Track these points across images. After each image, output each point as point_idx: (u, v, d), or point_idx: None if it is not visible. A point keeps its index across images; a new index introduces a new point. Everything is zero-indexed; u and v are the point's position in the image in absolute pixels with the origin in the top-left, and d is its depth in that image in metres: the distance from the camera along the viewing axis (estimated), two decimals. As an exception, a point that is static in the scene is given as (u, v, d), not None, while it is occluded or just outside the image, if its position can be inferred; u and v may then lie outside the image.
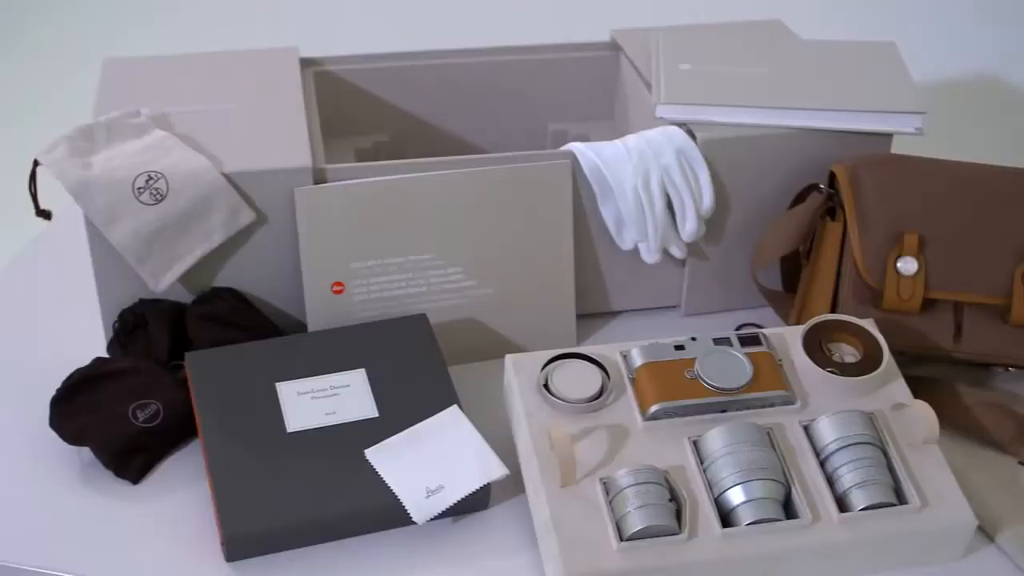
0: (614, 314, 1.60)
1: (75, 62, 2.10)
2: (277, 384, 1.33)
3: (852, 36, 1.72)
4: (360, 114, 1.72)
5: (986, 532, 1.28)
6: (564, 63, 1.75)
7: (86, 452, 1.34)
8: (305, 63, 1.66)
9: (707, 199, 1.48)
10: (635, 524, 1.16)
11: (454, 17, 2.37)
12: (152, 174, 1.37)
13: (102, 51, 1.68)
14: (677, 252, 1.52)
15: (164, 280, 1.40)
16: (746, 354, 1.29)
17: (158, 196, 1.36)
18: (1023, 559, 1.25)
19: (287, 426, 1.29)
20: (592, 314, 1.58)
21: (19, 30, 2.82)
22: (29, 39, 2.82)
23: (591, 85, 1.77)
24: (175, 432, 1.36)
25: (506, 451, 1.29)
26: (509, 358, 1.31)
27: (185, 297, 1.44)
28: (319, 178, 1.41)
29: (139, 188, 1.36)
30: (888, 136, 1.52)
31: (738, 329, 1.48)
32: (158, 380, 1.37)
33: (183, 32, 2.43)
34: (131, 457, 1.32)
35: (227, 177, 1.38)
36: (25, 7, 2.82)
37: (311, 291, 1.43)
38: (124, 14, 2.60)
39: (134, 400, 1.34)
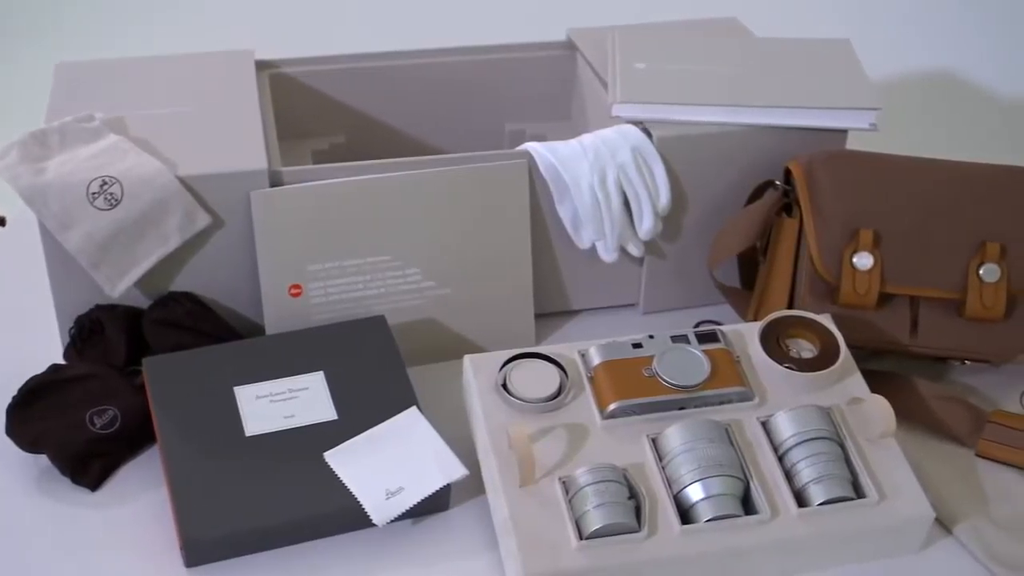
0: (573, 313, 1.60)
1: (27, 67, 2.08)
2: (235, 388, 1.32)
3: (807, 34, 1.73)
4: (316, 116, 1.71)
5: (944, 524, 1.29)
6: (520, 63, 1.75)
7: (43, 459, 1.33)
8: (260, 65, 1.65)
9: (664, 197, 1.48)
10: (594, 522, 1.16)
11: (409, 18, 2.37)
12: (106, 179, 1.36)
13: (54, 55, 1.67)
14: (634, 250, 1.52)
15: (120, 285, 1.39)
16: (704, 351, 1.30)
17: (112, 201, 1.35)
18: (980, 550, 1.26)
19: (245, 430, 1.29)
20: (551, 313, 1.58)
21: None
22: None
23: (548, 85, 1.77)
24: (133, 438, 1.35)
25: (466, 452, 1.29)
26: (467, 358, 1.31)
27: (142, 302, 1.43)
28: (275, 180, 1.40)
29: (93, 193, 1.35)
30: (843, 132, 1.53)
31: (697, 326, 1.48)
32: (115, 386, 1.36)
33: (137, 36, 2.42)
34: (89, 464, 1.31)
35: (182, 181, 1.37)
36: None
37: (268, 294, 1.43)
38: (76, 18, 2.59)
39: (91, 406, 1.34)
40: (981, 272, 1.40)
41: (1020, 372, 1.50)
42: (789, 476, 1.24)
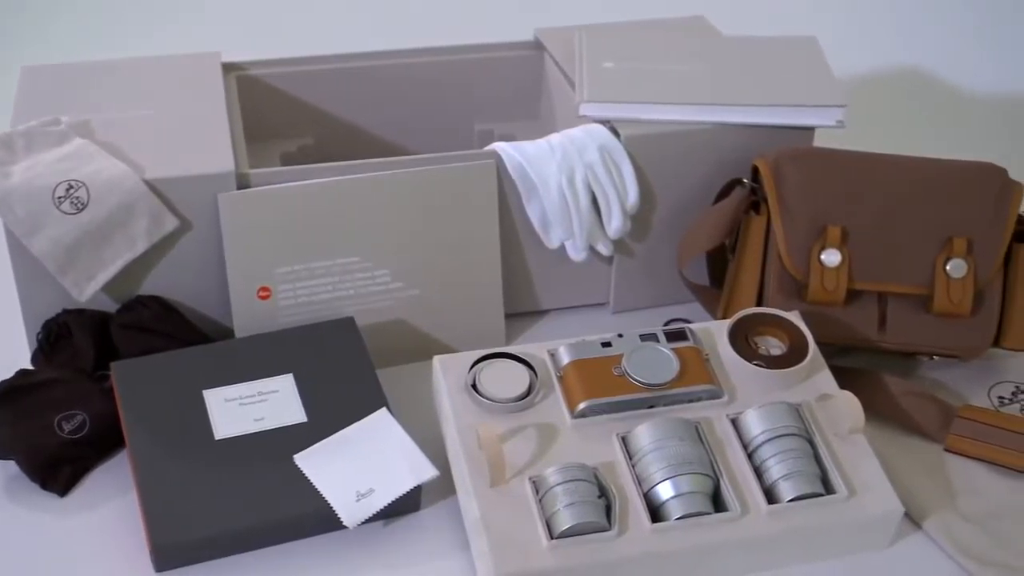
0: (543, 313, 1.60)
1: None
2: (204, 391, 1.32)
3: (774, 32, 1.74)
4: (285, 118, 1.71)
5: (913, 519, 1.30)
6: (488, 63, 1.75)
7: (11, 465, 1.32)
8: (227, 68, 1.64)
9: (632, 196, 1.48)
10: (565, 522, 1.16)
11: (376, 19, 2.36)
12: (72, 183, 1.35)
13: (20, 59, 1.66)
14: (603, 249, 1.52)
15: (88, 290, 1.39)
16: (673, 349, 1.30)
17: (79, 205, 1.35)
18: (950, 544, 1.26)
19: (215, 433, 1.28)
20: (521, 313, 1.58)
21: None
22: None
23: (516, 85, 1.77)
24: (102, 443, 1.34)
25: (437, 452, 1.29)
26: (437, 359, 1.31)
27: (110, 306, 1.43)
28: (243, 183, 1.40)
29: (59, 197, 1.35)
30: (810, 130, 1.53)
31: (666, 325, 1.48)
32: (83, 390, 1.35)
33: (103, 39, 2.40)
34: (57, 469, 1.31)
35: (149, 184, 1.37)
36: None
37: (237, 297, 1.43)
38: (41, 22, 2.56)
39: (59, 411, 1.33)
40: (948, 268, 1.41)
41: (988, 367, 1.50)
42: (759, 473, 1.24)
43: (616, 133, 1.49)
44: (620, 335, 1.32)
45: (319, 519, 1.24)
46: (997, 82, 2.24)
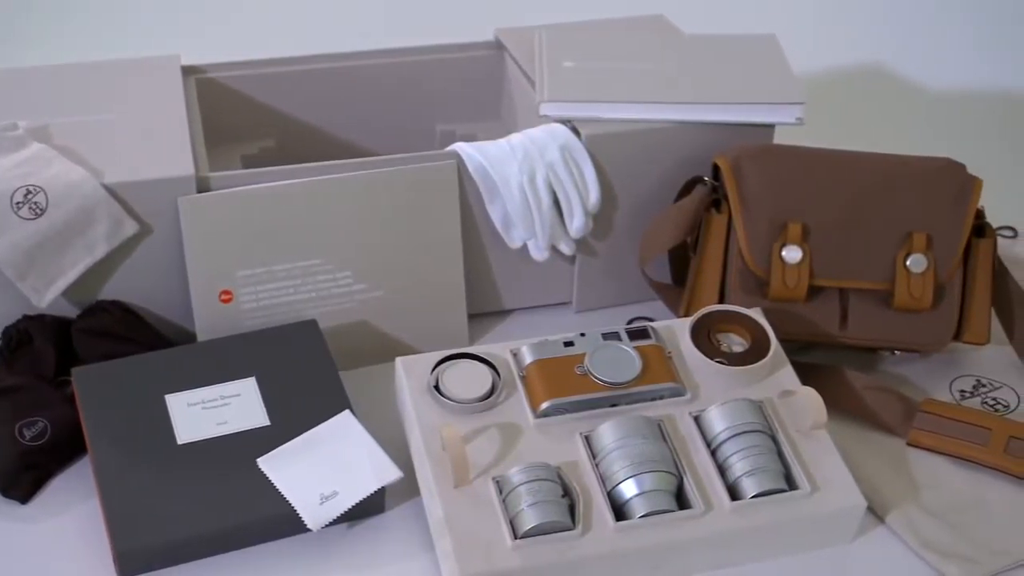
0: (506, 313, 1.60)
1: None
2: (167, 396, 1.31)
3: (734, 30, 1.74)
4: (245, 120, 1.70)
5: (876, 513, 1.30)
6: (449, 63, 1.75)
7: (-28, 473, 1.32)
8: (187, 70, 1.64)
9: (593, 195, 1.49)
10: (529, 521, 1.16)
11: (337, 21, 2.36)
12: (31, 188, 1.34)
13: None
14: (566, 248, 1.52)
15: (47, 295, 1.38)
16: (635, 348, 1.30)
17: (37, 210, 1.34)
18: (912, 538, 1.27)
19: (178, 438, 1.28)
20: (484, 313, 1.58)
21: None
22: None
23: (477, 85, 1.77)
24: (64, 449, 1.34)
25: (400, 454, 1.29)
26: (399, 360, 1.31)
27: (71, 311, 1.42)
28: (203, 186, 1.39)
29: (17, 203, 1.34)
30: (770, 127, 1.54)
31: (629, 323, 1.49)
32: (45, 397, 1.35)
33: (61, 43, 2.38)
34: (19, 476, 1.30)
35: (108, 188, 1.36)
36: None
37: (199, 301, 1.42)
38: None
39: (20, 418, 1.32)
40: (908, 263, 1.41)
41: (949, 361, 1.51)
42: (722, 470, 1.24)
43: (577, 132, 1.49)
44: (582, 334, 1.32)
45: (283, 522, 1.24)
46: (955, 79, 2.26)
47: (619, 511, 1.20)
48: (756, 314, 1.38)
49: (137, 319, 1.43)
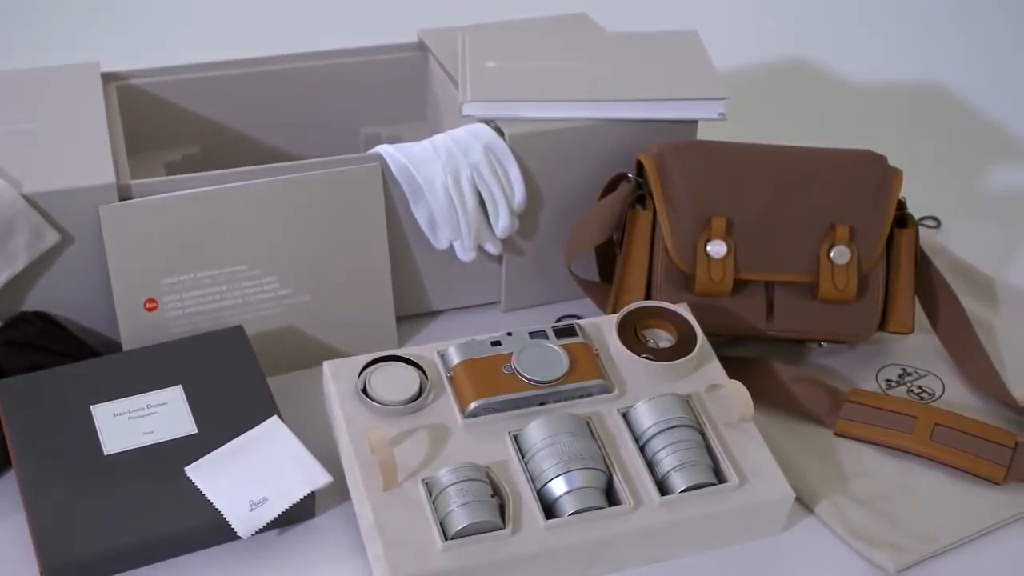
0: (435, 314, 1.60)
1: None
2: (92, 407, 1.30)
3: (656, 27, 1.75)
4: (168, 127, 1.69)
5: (805, 503, 1.31)
6: (372, 65, 1.74)
7: None
8: (107, 77, 1.62)
9: (518, 194, 1.49)
10: (459, 522, 1.16)
11: (258, 24, 2.34)
12: (-52, 200, 1.33)
13: None
14: (492, 249, 1.52)
15: (-32, 308, 1.36)
16: (562, 346, 1.31)
17: (-45, 222, 1.33)
18: (841, 527, 1.28)
19: (104, 449, 1.27)
20: (413, 315, 1.58)
21: None
22: None
23: (401, 86, 1.76)
24: (-12, 463, 1.32)
25: (330, 458, 1.28)
26: (326, 364, 1.31)
27: (-8, 324, 1.41)
28: (124, 194, 1.38)
29: (-65, 215, 1.32)
30: (694, 123, 1.54)
31: (559, 321, 1.49)
32: (-33, 411, 1.33)
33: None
34: (-57, 492, 1.29)
35: (27, 198, 1.35)
36: None
37: (123, 310, 1.41)
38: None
39: (-57, 433, 1.31)
40: (832, 255, 1.43)
41: (875, 351, 1.53)
42: (651, 465, 1.25)
43: (501, 132, 1.49)
44: (509, 333, 1.32)
45: (213, 530, 1.23)
46: (876, 72, 2.28)
47: (549, 509, 1.21)
48: (682, 309, 1.38)
49: (61, 330, 1.42)
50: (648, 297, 1.46)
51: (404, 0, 2.27)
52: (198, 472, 1.25)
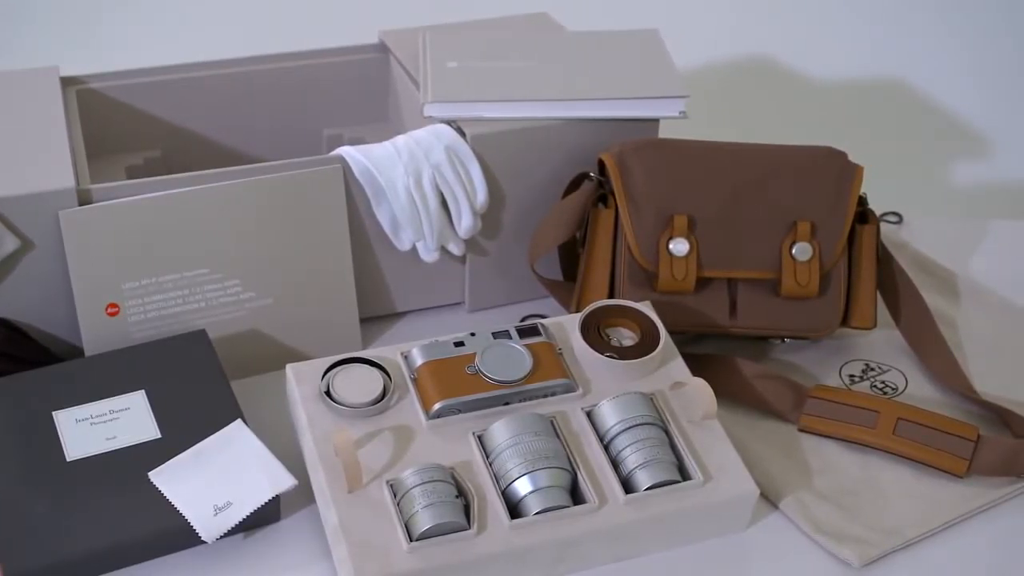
0: (399, 315, 1.60)
1: None
2: (54, 413, 1.29)
3: (617, 26, 1.75)
4: (129, 131, 1.68)
5: (770, 500, 1.32)
6: (334, 67, 1.74)
7: None
8: (66, 82, 1.61)
9: (481, 194, 1.49)
10: (424, 523, 1.16)
11: (219, 26, 2.34)
12: (-94, 206, 1.32)
13: None
14: (455, 249, 1.52)
15: (-72, 315, 1.35)
16: (526, 345, 1.31)
17: (-87, 229, 1.32)
18: (806, 522, 1.28)
19: (67, 455, 1.26)
20: (377, 317, 1.58)
21: None
22: None
23: (363, 88, 1.76)
24: (-50, 471, 1.31)
25: (294, 462, 1.28)
26: (289, 367, 1.30)
27: (-47, 331, 1.40)
28: (84, 199, 1.37)
29: None
30: (654, 121, 1.55)
31: (523, 321, 1.49)
32: (-72, 418, 1.32)
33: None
34: (-96, 500, 1.27)
35: (-14, 204, 1.34)
36: None
37: (85, 315, 1.40)
38: None
39: (-96, 441, 1.30)
40: (794, 251, 1.43)
41: (838, 347, 1.53)
42: (615, 464, 1.25)
43: (462, 133, 1.49)
44: (472, 334, 1.32)
45: (178, 535, 1.22)
46: (836, 69, 2.29)
47: (514, 509, 1.21)
48: (645, 307, 1.39)
49: (22, 336, 1.41)
50: (611, 295, 1.46)
51: (365, 0, 2.26)
52: (162, 477, 1.25)
